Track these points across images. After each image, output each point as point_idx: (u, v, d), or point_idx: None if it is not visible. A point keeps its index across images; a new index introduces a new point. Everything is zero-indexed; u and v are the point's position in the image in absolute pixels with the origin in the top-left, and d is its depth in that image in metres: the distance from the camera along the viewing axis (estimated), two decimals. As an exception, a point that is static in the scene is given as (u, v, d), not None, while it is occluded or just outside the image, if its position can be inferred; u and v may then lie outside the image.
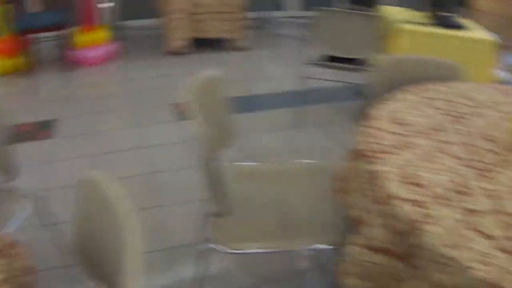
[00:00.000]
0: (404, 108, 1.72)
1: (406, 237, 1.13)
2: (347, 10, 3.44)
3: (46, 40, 5.02)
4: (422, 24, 3.55)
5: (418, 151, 1.42)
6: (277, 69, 4.88)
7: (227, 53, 5.17)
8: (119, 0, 5.58)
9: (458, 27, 3.58)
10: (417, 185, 1.25)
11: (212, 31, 5.08)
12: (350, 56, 3.49)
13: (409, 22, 3.54)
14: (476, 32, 3.58)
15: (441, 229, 1.10)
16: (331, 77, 3.87)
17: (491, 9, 6.49)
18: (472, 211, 1.18)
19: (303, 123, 3.69)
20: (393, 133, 1.52)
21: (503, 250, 1.05)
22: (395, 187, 1.23)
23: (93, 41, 4.77)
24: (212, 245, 1.59)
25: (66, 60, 4.67)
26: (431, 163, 1.37)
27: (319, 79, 3.79)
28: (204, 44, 5.26)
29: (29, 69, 4.54)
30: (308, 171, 1.97)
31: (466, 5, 6.81)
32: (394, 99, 1.80)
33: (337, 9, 3.44)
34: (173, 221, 2.52)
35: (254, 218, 1.70)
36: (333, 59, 3.55)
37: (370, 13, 3.46)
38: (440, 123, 1.63)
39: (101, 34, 4.83)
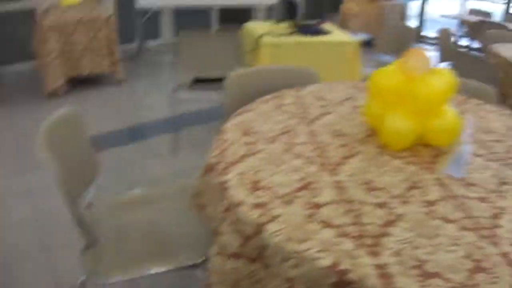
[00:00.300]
0: (255, 118, 1.79)
1: (253, 240, 1.17)
2: (208, 31, 3.53)
3: None
4: (285, 34, 3.70)
5: (264, 156, 1.48)
6: (154, 97, 4.91)
7: (106, 87, 5.12)
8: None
9: (321, 33, 3.78)
10: (261, 188, 1.31)
11: (87, 68, 5.01)
12: (216, 76, 3.56)
13: (270, 34, 3.68)
14: (338, 36, 3.80)
15: (285, 226, 1.15)
16: (203, 98, 3.97)
17: (359, 11, 6.91)
18: (317, 205, 1.24)
19: (180, 146, 3.75)
20: (242, 143, 1.58)
21: (346, 236, 1.12)
22: (239, 193, 1.28)
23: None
24: (85, 278, 1.59)
25: None
26: (277, 165, 1.43)
27: (193, 101, 3.86)
28: (83, 82, 5.18)
29: None
30: (181, 191, 1.99)
31: (338, 10, 7.23)
32: (246, 110, 1.87)
33: (197, 31, 3.52)
34: (63, 264, 2.46)
35: (127, 245, 1.69)
36: (202, 80, 3.62)
37: (230, 31, 3.57)
38: (289, 127, 1.71)
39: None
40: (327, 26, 4.13)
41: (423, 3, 7.75)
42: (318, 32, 3.78)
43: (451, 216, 1.22)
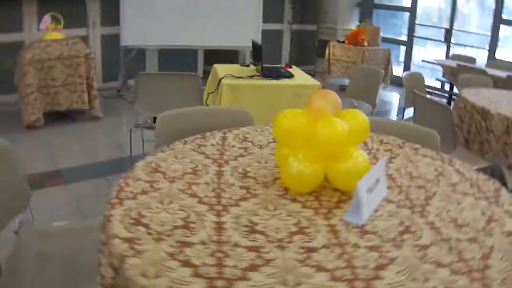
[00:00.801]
0: (168, 157, 1.80)
1: (119, 271, 1.17)
2: (166, 72, 3.58)
3: None
4: (245, 77, 3.76)
5: (157, 195, 1.49)
6: (123, 135, 4.93)
7: (83, 123, 5.19)
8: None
9: (284, 76, 3.84)
10: (140, 224, 1.31)
11: (65, 103, 5.08)
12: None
13: (231, 77, 3.74)
14: (300, 79, 3.85)
15: (142, 261, 1.15)
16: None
17: (341, 56, 7.01)
18: (185, 243, 1.23)
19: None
20: (143, 181, 1.59)
21: (200, 276, 1.11)
22: (116, 228, 1.28)
23: None
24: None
25: None
26: (165, 204, 1.44)
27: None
28: (61, 116, 5.25)
29: None
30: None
31: (322, 55, 7.34)
32: (165, 149, 1.88)
33: (155, 72, 3.58)
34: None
35: (47, 273, 1.69)
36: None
37: (189, 72, 3.63)
38: (199, 167, 1.72)
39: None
40: (293, 70, 4.19)
41: (408, 49, 7.85)
42: (280, 75, 3.83)
43: (329, 265, 1.17)
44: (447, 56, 7.38)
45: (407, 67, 7.71)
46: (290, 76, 3.90)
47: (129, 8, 6.27)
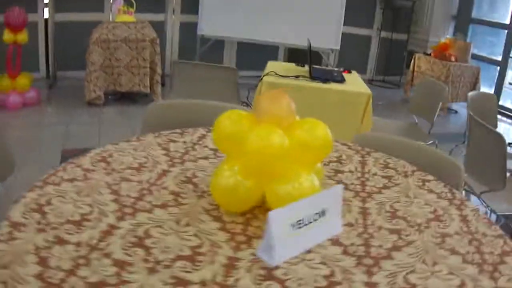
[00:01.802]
0: (128, 147, 1.66)
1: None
2: (203, 63, 3.46)
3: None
4: (290, 76, 3.53)
5: (82, 184, 1.35)
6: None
7: (139, 106, 5.20)
8: (56, 52, 5.71)
9: (333, 80, 3.58)
10: (36, 211, 1.18)
11: (126, 85, 5.13)
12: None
13: (275, 74, 3.54)
14: (350, 86, 3.57)
15: (7, 249, 1.02)
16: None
17: (426, 70, 6.55)
18: (61, 240, 1.08)
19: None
20: (81, 168, 1.46)
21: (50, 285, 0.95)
22: (14, 210, 1.17)
23: (15, 87, 4.81)
24: None
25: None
26: (81, 196, 1.29)
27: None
28: (122, 97, 5.32)
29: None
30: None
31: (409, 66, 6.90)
32: (131, 139, 1.74)
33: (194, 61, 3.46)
34: None
35: None
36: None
37: (226, 65, 3.48)
38: (147, 164, 1.56)
39: (22, 81, 4.88)
40: (349, 75, 3.91)
41: (501, 69, 7.17)
42: (329, 79, 3.57)
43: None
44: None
45: (498, 88, 7.04)
46: (341, 80, 3.62)
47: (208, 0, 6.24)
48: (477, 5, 7.56)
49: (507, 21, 7.04)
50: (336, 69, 4.10)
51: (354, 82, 3.72)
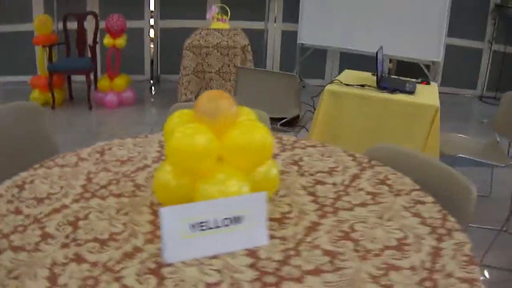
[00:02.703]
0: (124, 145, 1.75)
1: None
2: (264, 69, 3.46)
3: (78, 82, 5.69)
4: (356, 85, 3.43)
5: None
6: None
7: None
8: (160, 56, 6.07)
9: (402, 91, 3.41)
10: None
11: (217, 89, 5.30)
12: (276, 116, 3.46)
13: (341, 83, 3.45)
14: (419, 98, 3.36)
15: None
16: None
17: None
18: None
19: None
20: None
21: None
22: None
23: (112, 87, 5.26)
24: None
25: (91, 100, 5.28)
26: (53, 180, 1.41)
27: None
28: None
29: (59, 104, 5.31)
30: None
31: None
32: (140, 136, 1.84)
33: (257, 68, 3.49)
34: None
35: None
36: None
37: (289, 73, 3.46)
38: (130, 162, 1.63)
39: (119, 82, 5.30)
40: (426, 87, 3.70)
41: None
42: (397, 89, 3.40)
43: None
44: None
45: None
46: (410, 92, 3.43)
47: (309, 6, 6.25)
48: None
49: None
50: (413, 80, 3.89)
51: (427, 94, 3.48)
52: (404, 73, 6.22)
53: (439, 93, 3.59)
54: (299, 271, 1.10)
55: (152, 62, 6.30)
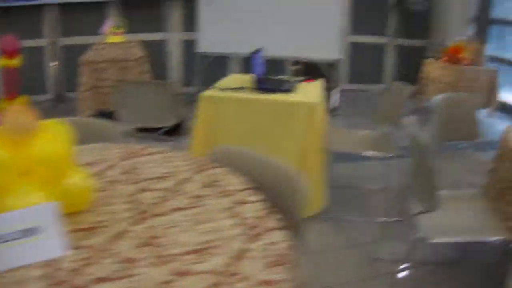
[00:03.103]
0: None
1: None
2: (142, 81, 3.45)
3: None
4: (233, 89, 3.44)
5: None
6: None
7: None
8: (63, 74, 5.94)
9: (281, 91, 3.45)
10: None
11: (113, 103, 5.22)
12: (153, 125, 3.43)
13: (219, 88, 3.46)
14: (299, 96, 3.40)
15: None
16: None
17: (437, 76, 6.22)
18: None
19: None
20: None
21: None
22: None
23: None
24: None
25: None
26: None
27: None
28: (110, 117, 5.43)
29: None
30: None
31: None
32: None
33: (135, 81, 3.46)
34: None
35: None
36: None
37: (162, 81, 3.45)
38: None
39: (20, 103, 5.14)
40: (309, 85, 3.76)
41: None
42: (277, 89, 3.44)
43: None
44: None
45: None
46: (288, 90, 3.47)
47: (207, 14, 6.23)
48: (497, 4, 7.10)
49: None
50: (298, 78, 3.96)
51: (307, 92, 3.54)
52: (311, 74, 6.34)
53: (348, 90, 3.67)
54: (90, 280, 1.10)
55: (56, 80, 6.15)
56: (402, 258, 2.79)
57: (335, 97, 6.26)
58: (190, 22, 6.52)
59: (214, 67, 6.58)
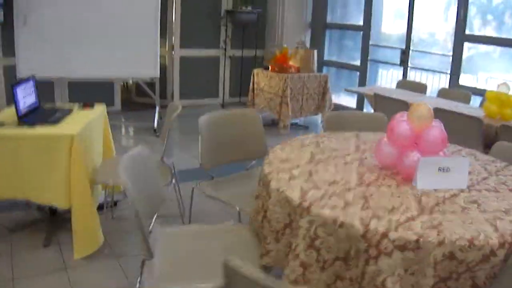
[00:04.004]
0: None
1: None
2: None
3: None
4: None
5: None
6: None
7: None
8: None
9: (52, 122, 3.04)
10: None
11: None
12: None
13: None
14: (63, 127, 3.02)
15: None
16: None
17: (265, 86, 6.06)
18: None
19: None
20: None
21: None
22: None
23: None
24: None
25: None
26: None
27: None
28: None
29: None
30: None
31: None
32: None
33: None
34: None
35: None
36: None
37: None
38: None
39: None
40: (88, 111, 3.38)
41: (361, 74, 6.73)
42: (39, 122, 3.05)
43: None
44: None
45: (360, 95, 6.58)
46: (54, 122, 3.07)
47: (23, 37, 5.64)
48: (333, 10, 7.19)
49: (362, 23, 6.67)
50: (75, 105, 3.55)
51: (75, 122, 3.15)
52: (143, 94, 5.93)
53: (180, 107, 3.28)
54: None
55: None
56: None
57: (156, 116, 5.96)
58: (10, 45, 5.85)
59: (44, 92, 5.95)
